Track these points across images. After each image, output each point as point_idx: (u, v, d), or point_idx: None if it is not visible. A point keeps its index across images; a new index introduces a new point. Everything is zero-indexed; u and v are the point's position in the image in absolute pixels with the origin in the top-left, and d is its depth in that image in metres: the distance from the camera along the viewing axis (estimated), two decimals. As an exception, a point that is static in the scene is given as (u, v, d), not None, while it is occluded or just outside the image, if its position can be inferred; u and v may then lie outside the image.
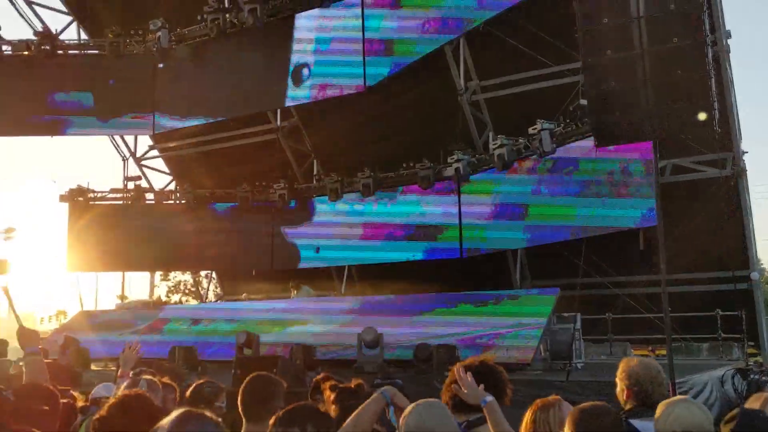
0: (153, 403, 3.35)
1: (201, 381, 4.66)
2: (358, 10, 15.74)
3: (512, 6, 14.19)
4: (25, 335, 4.24)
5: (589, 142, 12.94)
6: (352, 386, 4.44)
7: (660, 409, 3.06)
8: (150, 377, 4.50)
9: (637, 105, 8.48)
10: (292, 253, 17.62)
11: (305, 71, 16.58)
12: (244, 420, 3.61)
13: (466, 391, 3.30)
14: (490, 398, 3.24)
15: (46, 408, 3.43)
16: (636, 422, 3.50)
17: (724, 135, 14.51)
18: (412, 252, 16.27)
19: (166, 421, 2.44)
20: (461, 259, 15.85)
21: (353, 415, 3.26)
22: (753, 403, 3.40)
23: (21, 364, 4.36)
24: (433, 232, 16.02)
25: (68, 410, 4.79)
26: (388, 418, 3.52)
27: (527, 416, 3.32)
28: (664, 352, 15.88)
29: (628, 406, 3.74)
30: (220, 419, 2.58)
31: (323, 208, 17.26)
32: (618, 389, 3.86)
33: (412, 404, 3.01)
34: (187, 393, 4.47)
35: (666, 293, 9.22)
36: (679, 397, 3.10)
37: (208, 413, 2.54)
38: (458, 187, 15.58)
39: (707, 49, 8.25)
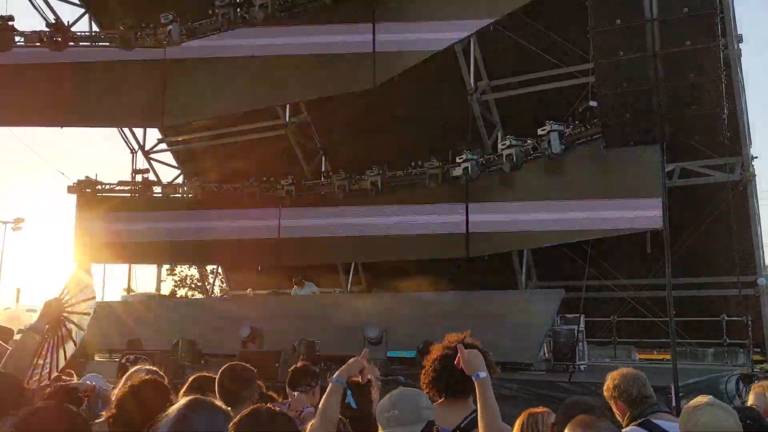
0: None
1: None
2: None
3: (523, 6, 14.16)
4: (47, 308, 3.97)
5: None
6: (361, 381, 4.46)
7: (686, 413, 3.00)
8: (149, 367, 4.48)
9: (649, 107, 8.44)
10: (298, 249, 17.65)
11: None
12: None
13: (467, 359, 3.27)
14: (485, 374, 3.23)
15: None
16: (662, 422, 3.46)
17: (733, 140, 14.47)
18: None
19: (174, 409, 2.40)
20: (467, 259, 15.85)
21: (319, 412, 3.26)
22: (755, 389, 3.43)
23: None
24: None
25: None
26: (346, 402, 3.55)
27: (517, 423, 3.44)
28: (668, 356, 15.89)
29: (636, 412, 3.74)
30: (228, 408, 2.53)
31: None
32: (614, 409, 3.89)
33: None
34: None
35: (671, 297, 9.18)
36: (702, 398, 3.03)
37: (217, 402, 2.50)
38: (466, 187, 15.55)
39: (720, 53, 8.19)
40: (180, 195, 18.69)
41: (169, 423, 2.36)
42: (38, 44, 17.29)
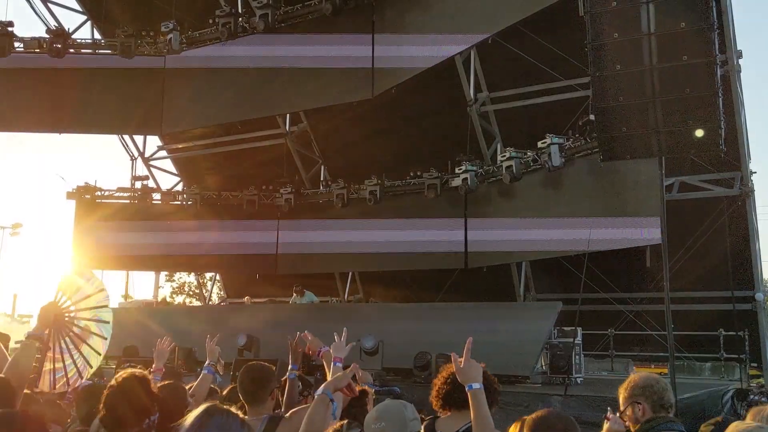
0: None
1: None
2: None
3: (524, 19, 14.19)
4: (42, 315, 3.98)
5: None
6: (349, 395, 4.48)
7: None
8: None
9: (645, 121, 8.44)
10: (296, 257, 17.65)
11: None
12: (246, 405, 3.99)
13: (462, 366, 3.24)
14: (478, 386, 3.19)
15: None
16: None
17: (733, 155, 14.48)
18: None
19: (192, 416, 2.44)
20: (465, 270, 15.83)
21: (305, 421, 3.27)
22: (753, 416, 3.37)
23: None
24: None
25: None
26: (332, 414, 3.56)
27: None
28: (665, 370, 15.85)
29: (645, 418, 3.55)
30: (245, 417, 2.58)
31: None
32: (627, 414, 3.61)
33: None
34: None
35: (669, 311, 9.17)
36: (748, 424, 2.89)
37: (233, 409, 2.54)
38: (465, 198, 15.56)
39: (716, 68, 8.19)
40: (179, 202, 18.70)
41: (187, 429, 2.40)
42: (37, 50, 17.32)
